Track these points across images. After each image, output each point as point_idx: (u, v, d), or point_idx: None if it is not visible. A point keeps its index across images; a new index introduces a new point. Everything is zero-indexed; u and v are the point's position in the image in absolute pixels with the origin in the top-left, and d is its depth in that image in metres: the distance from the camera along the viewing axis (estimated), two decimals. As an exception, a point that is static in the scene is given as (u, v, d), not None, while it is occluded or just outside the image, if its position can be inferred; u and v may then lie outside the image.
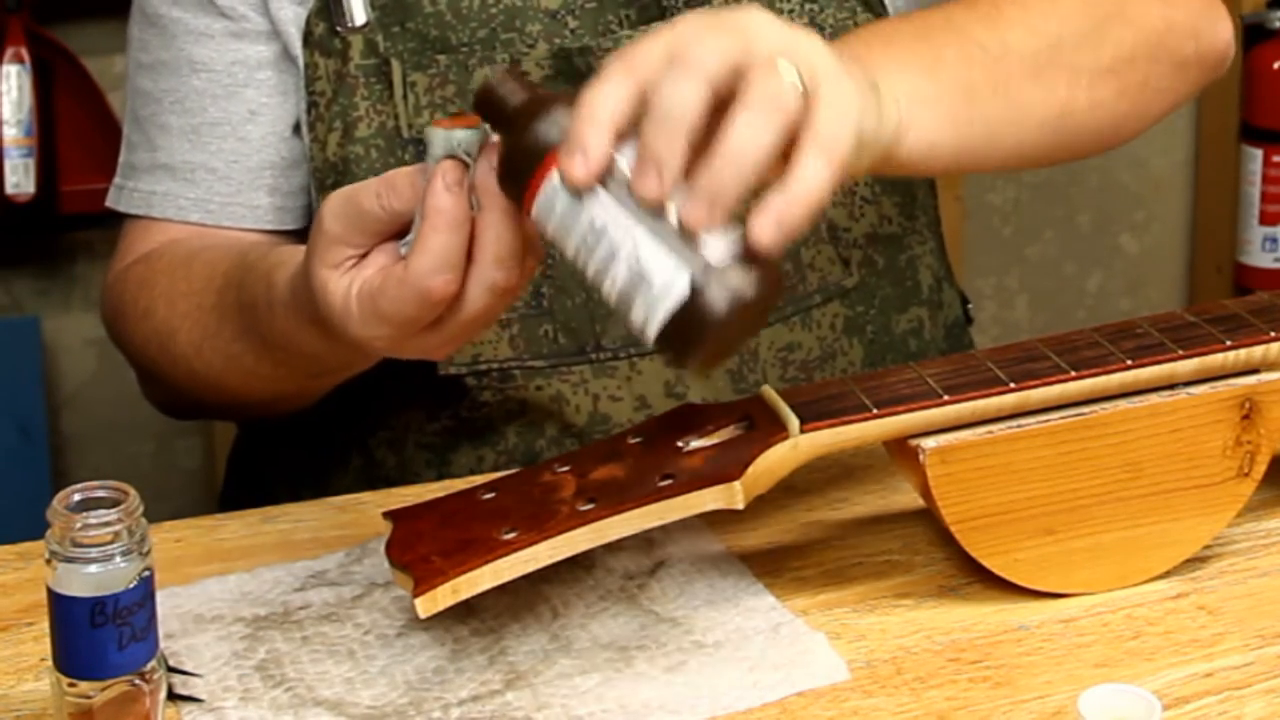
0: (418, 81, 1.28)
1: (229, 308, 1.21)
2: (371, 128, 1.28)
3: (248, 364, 1.21)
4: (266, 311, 1.15)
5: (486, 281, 0.99)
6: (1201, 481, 1.09)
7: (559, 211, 0.94)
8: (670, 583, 1.11)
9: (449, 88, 1.28)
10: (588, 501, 1.00)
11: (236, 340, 1.21)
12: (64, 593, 0.90)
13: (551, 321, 1.28)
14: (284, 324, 1.13)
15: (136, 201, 1.35)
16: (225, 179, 1.32)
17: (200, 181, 1.32)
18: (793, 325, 1.31)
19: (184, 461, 2.50)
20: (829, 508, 1.19)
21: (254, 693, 1.01)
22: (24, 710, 1.01)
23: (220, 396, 1.28)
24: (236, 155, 1.32)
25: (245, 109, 1.31)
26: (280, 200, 1.33)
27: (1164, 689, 1.00)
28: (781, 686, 1.01)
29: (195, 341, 1.25)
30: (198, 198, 1.32)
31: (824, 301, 1.32)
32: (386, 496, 1.20)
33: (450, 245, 0.98)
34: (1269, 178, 2.70)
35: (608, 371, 1.29)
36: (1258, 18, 2.71)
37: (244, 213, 1.32)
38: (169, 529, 1.18)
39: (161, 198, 1.33)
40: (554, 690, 1.01)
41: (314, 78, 1.29)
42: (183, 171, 1.32)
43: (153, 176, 1.34)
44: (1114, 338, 1.09)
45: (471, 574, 0.98)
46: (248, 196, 1.32)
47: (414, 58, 1.28)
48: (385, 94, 1.28)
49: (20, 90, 2.22)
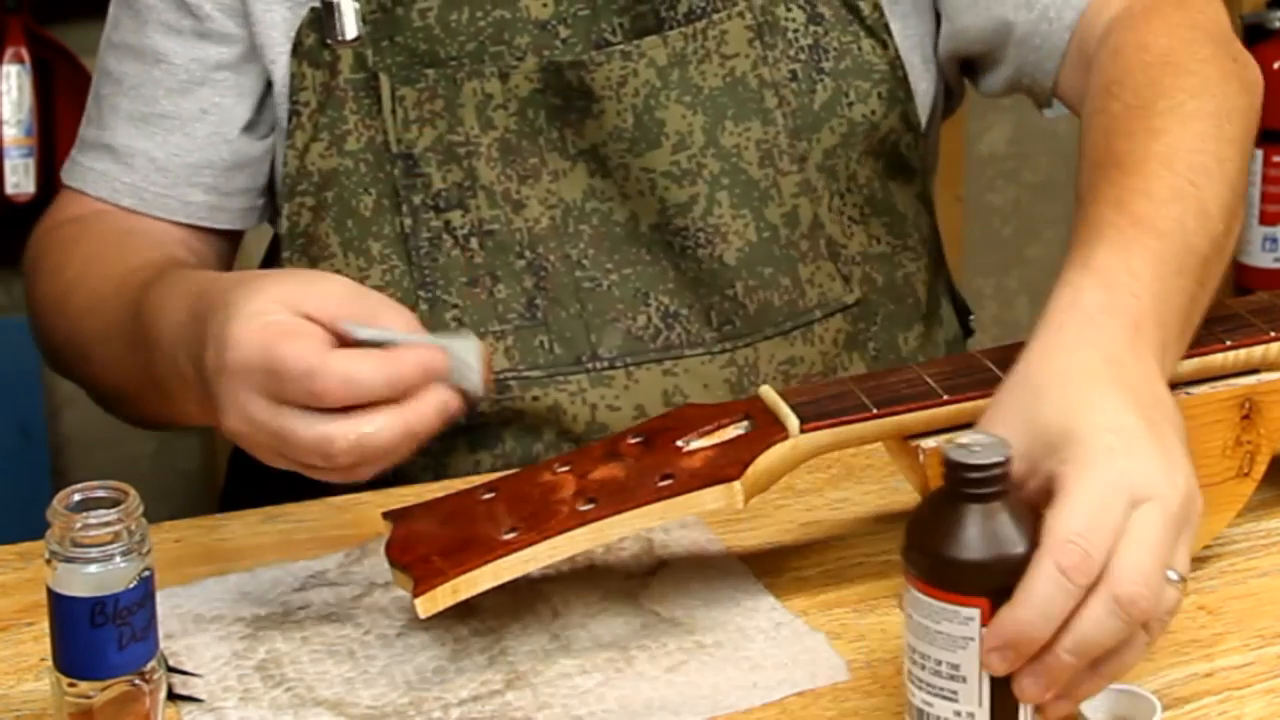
0: (406, 96, 1.27)
1: (125, 307, 1.20)
2: (360, 141, 1.28)
3: (113, 352, 1.21)
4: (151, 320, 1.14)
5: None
6: (1201, 481, 1.08)
7: (930, 627, 0.92)
8: (670, 583, 1.10)
9: (437, 102, 1.28)
10: (588, 501, 1.00)
11: (114, 339, 1.21)
12: (64, 593, 0.90)
13: (546, 332, 1.28)
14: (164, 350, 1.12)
15: (76, 175, 1.36)
16: (164, 170, 1.32)
17: (139, 168, 1.33)
18: (794, 340, 1.31)
19: (184, 462, 2.50)
20: (829, 508, 1.19)
21: (254, 693, 1.01)
22: (24, 710, 1.01)
23: (85, 370, 1.29)
24: (179, 150, 1.32)
25: (197, 107, 1.32)
26: (215, 199, 1.33)
27: (1164, 689, 1.00)
28: (781, 686, 1.01)
29: (84, 309, 1.25)
30: (133, 183, 1.33)
31: (824, 317, 1.32)
32: (386, 496, 1.20)
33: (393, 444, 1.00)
34: (1269, 178, 2.69)
35: (605, 381, 1.28)
36: (1258, 18, 2.71)
37: (176, 206, 1.33)
38: (169, 529, 1.18)
39: (99, 176, 1.34)
40: (554, 690, 1.01)
41: (299, 87, 1.29)
42: (124, 155, 1.33)
43: (95, 154, 1.35)
44: (1114, 338, 1.09)
45: (471, 574, 0.98)
46: (183, 191, 1.33)
47: (402, 72, 1.28)
48: (374, 108, 1.28)
49: (20, 90, 2.22)
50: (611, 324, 1.28)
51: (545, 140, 1.28)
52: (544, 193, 1.28)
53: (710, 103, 1.29)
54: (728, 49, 1.29)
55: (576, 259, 1.28)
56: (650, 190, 1.28)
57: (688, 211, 1.29)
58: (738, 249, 1.29)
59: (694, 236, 1.29)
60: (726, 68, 1.29)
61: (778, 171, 1.30)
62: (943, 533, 0.90)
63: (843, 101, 1.31)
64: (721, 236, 1.29)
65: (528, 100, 1.27)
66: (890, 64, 1.32)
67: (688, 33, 1.28)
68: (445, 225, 1.28)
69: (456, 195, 1.28)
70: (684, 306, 1.29)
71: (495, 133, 1.28)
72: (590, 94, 1.27)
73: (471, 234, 1.28)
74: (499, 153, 1.28)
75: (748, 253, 1.29)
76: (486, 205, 1.28)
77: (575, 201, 1.29)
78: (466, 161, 1.28)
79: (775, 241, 1.30)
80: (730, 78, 1.29)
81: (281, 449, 1.01)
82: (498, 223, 1.28)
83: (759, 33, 1.30)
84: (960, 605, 0.90)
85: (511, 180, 1.28)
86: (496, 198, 1.28)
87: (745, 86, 1.29)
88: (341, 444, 0.99)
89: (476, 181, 1.28)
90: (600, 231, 1.29)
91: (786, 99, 1.30)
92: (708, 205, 1.29)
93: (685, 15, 1.29)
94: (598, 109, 1.27)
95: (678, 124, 1.28)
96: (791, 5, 1.30)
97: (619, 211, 1.29)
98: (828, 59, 1.31)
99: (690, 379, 1.28)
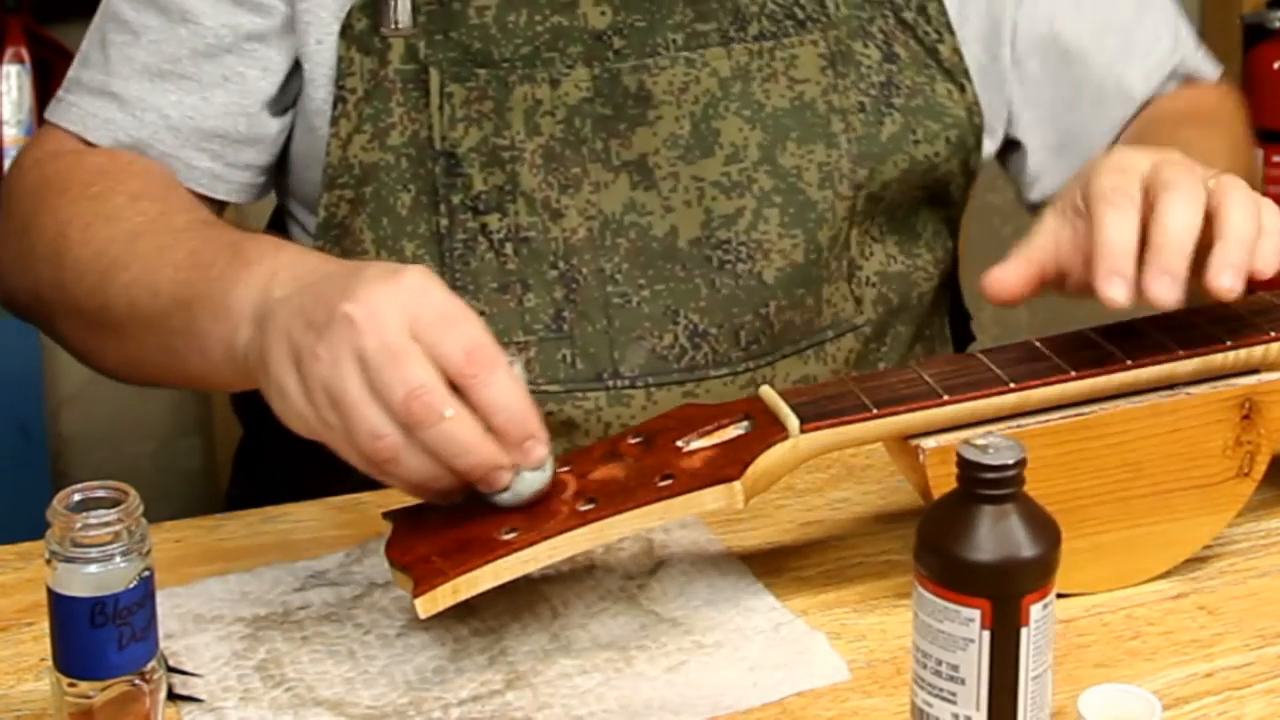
0: (455, 93, 1.26)
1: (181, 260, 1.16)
2: (405, 135, 1.27)
3: (138, 298, 1.17)
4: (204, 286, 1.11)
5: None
6: (1201, 481, 1.09)
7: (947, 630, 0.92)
8: (670, 583, 1.11)
9: (486, 103, 1.26)
10: (588, 501, 1.00)
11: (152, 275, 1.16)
12: (64, 593, 0.90)
13: (570, 346, 1.27)
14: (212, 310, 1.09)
15: (72, 117, 1.30)
16: (175, 130, 1.29)
17: (149, 123, 1.29)
18: (807, 359, 1.32)
19: (184, 462, 2.50)
20: (829, 508, 1.19)
21: (254, 693, 1.01)
22: (24, 710, 1.01)
23: (83, 295, 1.21)
24: (195, 112, 1.29)
25: (220, 73, 1.28)
26: (220, 169, 1.30)
27: (1164, 689, 1.00)
28: (781, 686, 1.01)
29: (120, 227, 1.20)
30: (140, 138, 1.29)
31: (836, 336, 1.33)
32: (386, 496, 1.20)
33: (441, 470, 0.98)
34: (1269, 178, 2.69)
35: (623, 400, 1.28)
36: (1258, 18, 2.71)
37: (180, 168, 1.29)
38: (169, 529, 1.18)
39: (101, 123, 1.29)
40: (554, 690, 1.01)
41: (346, 72, 1.27)
42: (134, 106, 1.29)
43: (98, 100, 1.30)
44: (1114, 338, 1.09)
45: (471, 574, 0.98)
46: (190, 155, 1.29)
47: (453, 69, 1.26)
48: (421, 102, 1.26)
49: (20, 90, 2.22)
50: (636, 342, 1.28)
51: (589, 150, 1.27)
52: (584, 203, 1.27)
53: (772, 121, 1.29)
54: (797, 72, 1.30)
55: (610, 273, 1.27)
56: (698, 200, 1.28)
57: (733, 224, 1.28)
58: (778, 268, 1.29)
59: (735, 250, 1.28)
60: (795, 90, 1.29)
61: (836, 195, 1.30)
62: (952, 532, 0.90)
63: (909, 138, 1.32)
64: (764, 253, 1.29)
65: (575, 109, 1.27)
66: (968, 109, 1.35)
67: (754, 49, 1.29)
68: (481, 228, 1.27)
69: (496, 199, 1.27)
70: (714, 325, 1.29)
71: (540, 139, 1.27)
72: (649, 99, 1.27)
73: (507, 239, 1.27)
74: (542, 159, 1.27)
75: (788, 273, 1.30)
76: (525, 211, 1.27)
77: (614, 214, 1.28)
78: (510, 166, 1.26)
79: (817, 264, 1.31)
80: (798, 101, 1.29)
81: (341, 397, 0.97)
82: (534, 230, 1.27)
83: (832, 61, 1.30)
84: (962, 605, 0.90)
85: (552, 188, 1.27)
86: (536, 205, 1.27)
87: (813, 111, 1.30)
88: (395, 442, 0.97)
89: (518, 187, 1.27)
90: (636, 245, 1.28)
91: (853, 126, 1.31)
92: (753, 220, 1.29)
93: (755, 36, 1.29)
94: (654, 115, 1.27)
95: (733, 135, 1.28)
96: (869, 43, 1.32)
97: (659, 225, 1.28)
98: (899, 95, 1.32)
99: (709, 400, 1.27)
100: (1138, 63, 1.44)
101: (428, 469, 0.97)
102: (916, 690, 0.92)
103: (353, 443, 0.97)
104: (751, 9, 1.29)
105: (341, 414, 0.97)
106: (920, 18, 1.34)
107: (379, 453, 0.97)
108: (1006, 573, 0.90)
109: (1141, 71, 1.44)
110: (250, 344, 1.05)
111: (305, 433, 1.00)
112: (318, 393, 0.98)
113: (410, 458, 0.97)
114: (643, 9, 1.27)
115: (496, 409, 0.97)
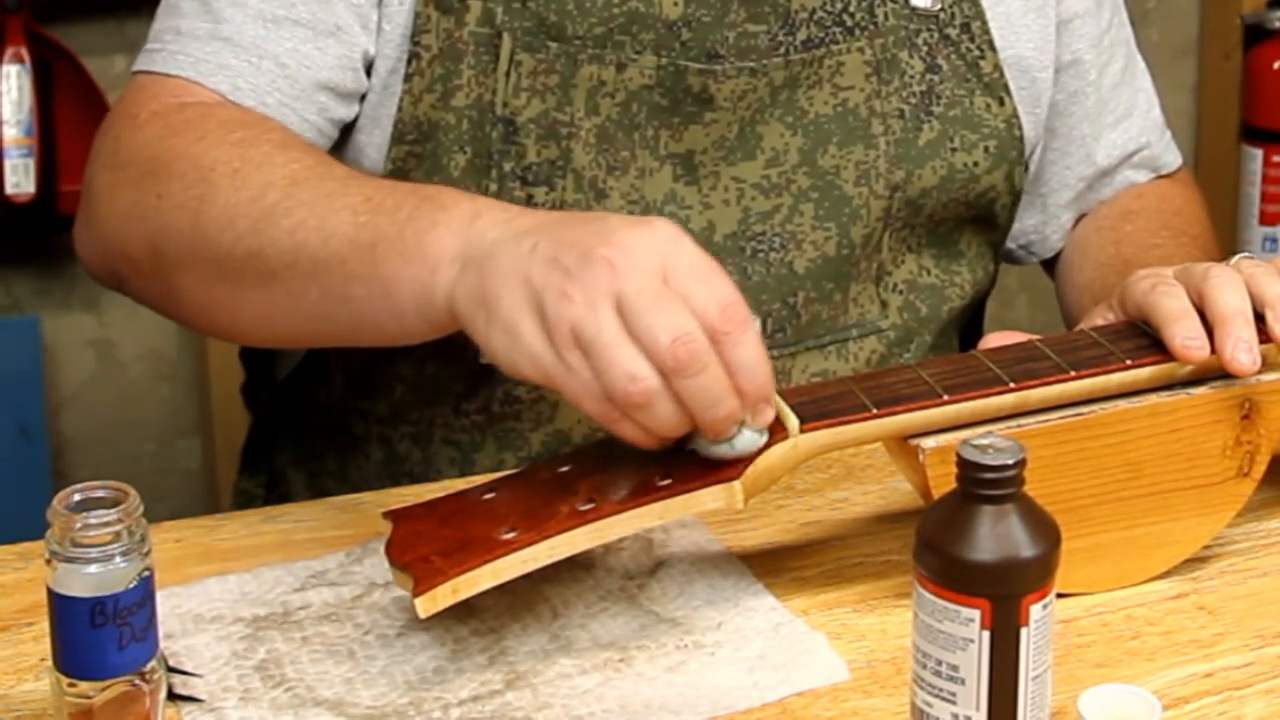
0: (524, 62, 1.26)
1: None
2: (469, 98, 1.26)
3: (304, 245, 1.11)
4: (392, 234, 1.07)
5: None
6: (1201, 481, 1.09)
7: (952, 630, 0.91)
8: (670, 583, 1.11)
9: (552, 77, 1.26)
10: (588, 501, 1.00)
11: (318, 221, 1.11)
12: (64, 593, 0.90)
13: None
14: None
15: (183, 63, 1.24)
16: (291, 79, 1.25)
17: (266, 71, 1.24)
18: (829, 354, 1.32)
19: (184, 462, 2.50)
20: (829, 508, 1.19)
21: (254, 693, 1.01)
22: (24, 710, 1.01)
23: (235, 240, 1.15)
24: (309, 61, 1.25)
25: (333, 22, 1.25)
26: (323, 124, 1.27)
27: (1164, 689, 1.00)
28: (781, 686, 1.01)
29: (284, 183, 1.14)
30: (258, 85, 1.24)
31: (860, 336, 1.33)
32: (386, 496, 1.20)
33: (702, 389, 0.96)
34: (1269, 178, 2.70)
35: None
36: (1258, 18, 2.71)
37: (294, 120, 1.24)
38: (169, 529, 1.18)
39: (217, 69, 1.23)
40: (554, 690, 1.01)
41: (422, 29, 1.26)
42: (250, 53, 1.24)
43: (209, 46, 1.24)
44: (1114, 338, 1.09)
45: (471, 574, 0.98)
46: (302, 107, 1.25)
47: (526, 38, 1.26)
48: (490, 66, 1.26)
49: (20, 90, 2.22)
50: None
51: (640, 136, 1.27)
52: (628, 186, 1.28)
53: (815, 128, 1.30)
54: (843, 80, 1.30)
55: None
56: (736, 200, 1.29)
57: (769, 218, 1.29)
58: (810, 259, 1.30)
59: (769, 240, 1.29)
60: (839, 98, 1.30)
61: (872, 193, 1.31)
62: (952, 531, 0.90)
63: (946, 145, 1.33)
64: (797, 244, 1.29)
65: (635, 94, 1.27)
66: (1007, 122, 1.35)
67: (806, 59, 1.29)
68: (528, 199, 1.26)
69: (546, 172, 1.26)
70: None
71: (597, 119, 1.27)
72: (710, 102, 1.27)
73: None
74: (595, 139, 1.27)
75: (819, 265, 1.30)
76: (573, 188, 1.27)
77: (655, 202, 1.28)
78: (565, 142, 1.26)
79: (849, 260, 1.31)
80: (842, 108, 1.30)
81: (597, 338, 0.95)
82: (578, 207, 1.27)
83: (877, 69, 1.31)
84: (962, 605, 0.90)
85: (600, 169, 1.27)
86: (584, 183, 1.27)
87: (855, 116, 1.30)
88: (651, 386, 0.95)
89: (569, 163, 1.27)
90: None
91: (892, 128, 1.31)
92: (789, 214, 1.30)
93: (803, 43, 1.29)
94: (710, 117, 1.28)
95: (775, 141, 1.29)
96: (913, 53, 1.32)
97: (696, 220, 1.28)
98: (939, 104, 1.33)
99: None
100: (1107, 131, 1.45)
101: (674, 417, 0.97)
102: (916, 690, 0.92)
103: (599, 385, 0.96)
104: (801, 15, 1.29)
105: (595, 356, 0.96)
106: (964, 34, 1.34)
107: (632, 396, 0.95)
108: (1006, 573, 0.90)
109: (1109, 141, 1.45)
110: (456, 285, 1.02)
111: (533, 376, 0.98)
112: (563, 333, 0.96)
113: (663, 404, 0.96)
114: (709, 3, 1.28)
115: (742, 367, 0.97)
